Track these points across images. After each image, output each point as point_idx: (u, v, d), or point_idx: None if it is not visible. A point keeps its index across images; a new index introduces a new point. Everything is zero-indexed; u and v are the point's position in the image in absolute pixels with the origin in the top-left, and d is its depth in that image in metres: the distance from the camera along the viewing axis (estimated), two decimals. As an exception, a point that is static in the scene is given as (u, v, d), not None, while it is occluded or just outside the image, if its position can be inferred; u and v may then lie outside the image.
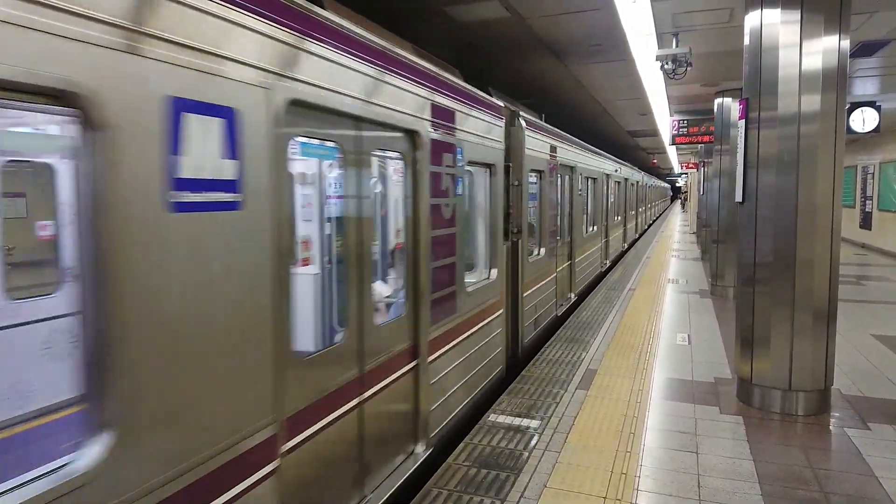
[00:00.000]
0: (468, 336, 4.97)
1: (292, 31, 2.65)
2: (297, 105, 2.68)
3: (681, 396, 5.31)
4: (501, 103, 6.12)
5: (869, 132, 11.07)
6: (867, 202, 18.24)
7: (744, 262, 5.14)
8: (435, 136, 4.21)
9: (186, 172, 2.02)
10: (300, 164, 4.66)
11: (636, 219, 22.63)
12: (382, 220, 4.87)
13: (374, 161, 4.04)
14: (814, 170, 4.71)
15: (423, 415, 4.10)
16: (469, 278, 5.27)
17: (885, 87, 10.59)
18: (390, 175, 4.83)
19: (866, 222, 18.31)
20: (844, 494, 3.63)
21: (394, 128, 3.72)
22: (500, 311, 5.89)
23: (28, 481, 1.63)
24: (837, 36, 4.63)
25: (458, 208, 4.69)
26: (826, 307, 4.82)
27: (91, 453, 1.72)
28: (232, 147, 2.25)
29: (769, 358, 4.95)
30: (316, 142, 4.04)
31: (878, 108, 10.90)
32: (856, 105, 10.99)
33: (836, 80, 4.66)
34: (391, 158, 4.59)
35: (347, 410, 3.21)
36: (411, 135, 3.95)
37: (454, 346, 4.65)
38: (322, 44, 2.89)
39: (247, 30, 2.35)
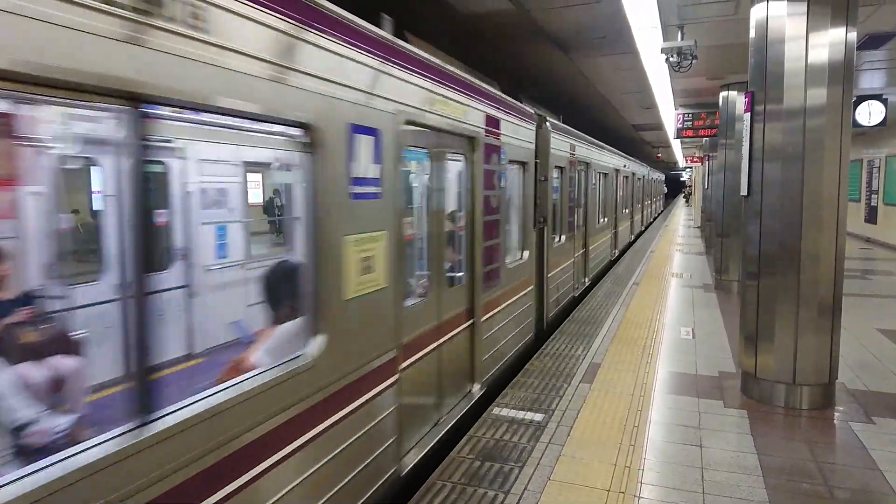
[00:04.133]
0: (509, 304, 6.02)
1: None
2: None
3: (685, 390, 5.31)
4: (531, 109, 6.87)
5: (875, 125, 11.01)
6: (873, 196, 18.13)
7: (748, 256, 5.12)
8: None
9: None
10: None
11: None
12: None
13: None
14: (819, 163, 4.68)
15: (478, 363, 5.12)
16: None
17: (892, 80, 10.52)
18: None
19: (872, 216, 18.21)
20: (849, 488, 3.63)
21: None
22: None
23: None
24: (844, 28, 4.59)
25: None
26: (831, 301, 4.81)
27: None
28: None
29: (773, 352, 4.94)
30: None
31: (884, 102, 10.83)
32: (862, 98, 10.91)
33: (842, 73, 4.62)
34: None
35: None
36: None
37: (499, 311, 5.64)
38: None
39: None
